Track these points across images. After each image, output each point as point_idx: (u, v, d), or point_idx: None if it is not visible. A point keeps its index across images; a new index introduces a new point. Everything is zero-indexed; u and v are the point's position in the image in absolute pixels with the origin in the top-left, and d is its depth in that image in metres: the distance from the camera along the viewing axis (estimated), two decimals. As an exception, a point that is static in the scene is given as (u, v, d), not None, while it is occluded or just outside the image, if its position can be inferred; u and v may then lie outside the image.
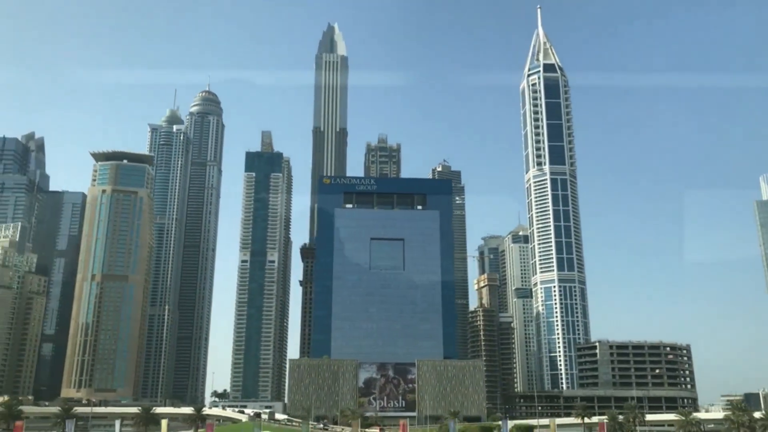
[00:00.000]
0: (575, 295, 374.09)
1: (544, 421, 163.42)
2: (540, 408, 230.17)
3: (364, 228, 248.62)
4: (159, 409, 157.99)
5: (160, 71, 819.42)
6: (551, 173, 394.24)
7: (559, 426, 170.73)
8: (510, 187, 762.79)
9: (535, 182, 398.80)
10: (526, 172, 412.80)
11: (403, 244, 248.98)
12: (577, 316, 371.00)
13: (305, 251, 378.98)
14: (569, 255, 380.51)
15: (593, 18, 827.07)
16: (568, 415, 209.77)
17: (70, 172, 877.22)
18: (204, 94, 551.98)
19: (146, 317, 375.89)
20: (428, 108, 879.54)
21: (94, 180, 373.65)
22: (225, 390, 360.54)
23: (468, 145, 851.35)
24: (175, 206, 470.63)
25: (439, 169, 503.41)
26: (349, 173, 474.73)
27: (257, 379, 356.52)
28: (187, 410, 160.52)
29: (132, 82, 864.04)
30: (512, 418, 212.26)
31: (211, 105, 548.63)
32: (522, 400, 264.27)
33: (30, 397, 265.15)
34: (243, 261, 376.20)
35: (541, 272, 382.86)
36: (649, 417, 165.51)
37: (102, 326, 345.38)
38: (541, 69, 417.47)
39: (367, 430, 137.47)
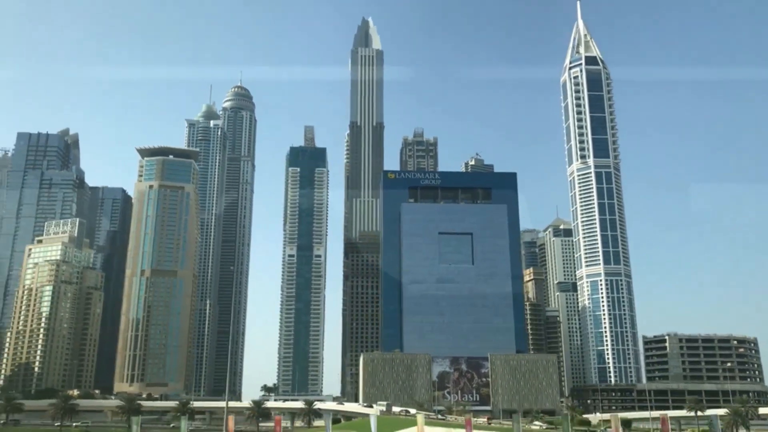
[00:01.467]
0: (622, 289, 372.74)
1: (646, 414, 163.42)
2: (612, 402, 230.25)
3: (432, 222, 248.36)
4: (269, 404, 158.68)
5: (194, 68, 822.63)
6: (595, 166, 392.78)
7: (640, 420, 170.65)
8: (546, 180, 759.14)
9: (578, 175, 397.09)
10: (569, 166, 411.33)
11: (471, 239, 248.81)
12: (624, 310, 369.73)
13: (349, 246, 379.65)
14: (615, 248, 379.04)
15: (632, 9, 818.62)
16: (642, 408, 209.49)
17: (104, 167, 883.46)
18: (236, 89, 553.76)
19: (195, 312, 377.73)
20: (461, 102, 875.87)
21: (141, 176, 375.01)
22: (274, 384, 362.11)
23: (501, 139, 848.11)
24: (214, 201, 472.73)
25: (472, 163, 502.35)
26: (385, 168, 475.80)
27: (307, 373, 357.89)
28: (297, 404, 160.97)
29: (166, 78, 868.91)
30: (586, 412, 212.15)
31: (243, 100, 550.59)
32: (593, 394, 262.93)
33: (97, 391, 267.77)
34: (290, 256, 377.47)
35: (587, 266, 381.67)
36: (762, 410, 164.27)
37: (152, 321, 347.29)
38: (582, 62, 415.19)
39: (478, 420, 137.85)
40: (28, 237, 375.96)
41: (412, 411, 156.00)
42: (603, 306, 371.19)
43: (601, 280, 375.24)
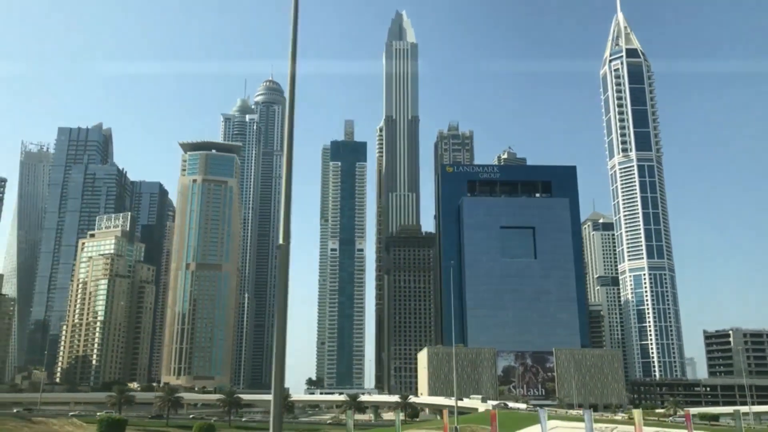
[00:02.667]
0: (666, 283, 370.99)
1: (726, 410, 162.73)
2: (674, 396, 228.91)
3: (493, 217, 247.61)
4: (364, 398, 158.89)
5: (226, 62, 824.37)
6: (638, 160, 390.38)
7: (725, 415, 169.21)
8: (581, 174, 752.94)
9: (620, 169, 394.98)
10: (609, 159, 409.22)
11: (533, 233, 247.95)
12: (668, 304, 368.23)
13: (391, 240, 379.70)
14: (658, 242, 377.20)
15: (671, 0, 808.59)
16: (710, 404, 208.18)
17: (137, 162, 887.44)
18: (268, 83, 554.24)
19: (239, 306, 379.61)
20: (495, 95, 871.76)
21: (184, 170, 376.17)
22: (317, 377, 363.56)
23: (535, 132, 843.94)
24: (251, 196, 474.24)
25: (505, 156, 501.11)
26: (421, 162, 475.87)
27: (351, 366, 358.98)
28: (392, 398, 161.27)
29: (198, 73, 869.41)
30: (651, 407, 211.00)
31: (275, 94, 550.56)
32: (656, 389, 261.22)
33: (154, 384, 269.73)
34: (332, 250, 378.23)
35: (630, 260, 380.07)
36: None
37: (198, 315, 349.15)
38: (623, 54, 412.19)
39: (570, 411, 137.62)
40: (73, 231, 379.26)
41: (510, 404, 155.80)
42: (647, 300, 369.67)
43: (644, 274, 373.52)
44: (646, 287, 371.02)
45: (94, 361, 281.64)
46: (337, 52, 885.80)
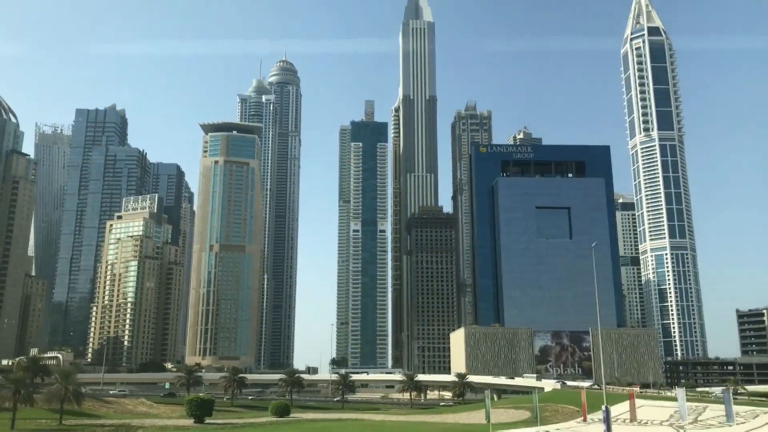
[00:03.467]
0: (687, 263, 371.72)
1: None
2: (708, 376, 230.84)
3: (529, 197, 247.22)
4: (421, 377, 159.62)
5: (240, 41, 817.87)
6: (660, 139, 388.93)
7: None
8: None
9: (642, 149, 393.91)
10: (630, 139, 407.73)
11: (568, 213, 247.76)
12: (690, 283, 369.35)
13: (413, 221, 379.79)
14: (680, 222, 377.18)
15: None
16: (746, 383, 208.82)
17: (152, 143, 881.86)
18: (281, 63, 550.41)
19: (263, 287, 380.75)
20: (512, 75, 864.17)
21: (205, 151, 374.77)
22: (342, 357, 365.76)
23: (552, 111, 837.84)
24: (267, 177, 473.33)
25: (520, 136, 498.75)
26: (440, 142, 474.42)
27: (375, 346, 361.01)
28: (447, 378, 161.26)
29: (211, 53, 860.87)
30: (689, 386, 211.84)
31: (288, 74, 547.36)
32: (690, 367, 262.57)
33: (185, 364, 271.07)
34: (354, 231, 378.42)
35: (651, 240, 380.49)
36: None
37: (222, 296, 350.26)
38: (645, 33, 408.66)
39: (625, 389, 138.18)
40: (95, 213, 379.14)
41: (568, 382, 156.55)
42: (668, 280, 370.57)
43: (666, 254, 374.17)
44: (668, 267, 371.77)
45: (126, 343, 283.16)
46: (352, 31, 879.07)
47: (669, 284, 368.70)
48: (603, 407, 63.26)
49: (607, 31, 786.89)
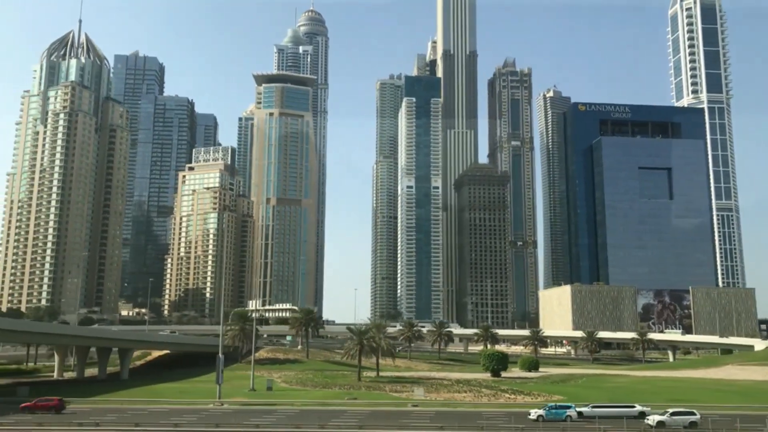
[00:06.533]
0: (732, 224, 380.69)
1: None
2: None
3: (631, 157, 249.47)
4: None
5: None
6: (708, 102, 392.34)
7: None
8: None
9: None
10: (677, 101, 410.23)
11: (669, 174, 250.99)
12: (735, 244, 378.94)
13: (467, 178, 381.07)
14: (726, 184, 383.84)
15: None
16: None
17: (186, 92, 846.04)
18: (309, 13, 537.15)
19: (320, 241, 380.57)
20: (551, 32, 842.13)
21: (259, 102, 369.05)
22: (398, 311, 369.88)
23: (592, 70, 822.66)
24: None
25: (550, 95, 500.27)
26: (480, 99, 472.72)
27: (430, 301, 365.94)
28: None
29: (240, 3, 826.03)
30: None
31: (317, 25, 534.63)
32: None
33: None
34: (408, 187, 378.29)
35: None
36: None
37: (280, 249, 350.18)
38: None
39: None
40: (146, 163, 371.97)
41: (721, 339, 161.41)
42: (714, 241, 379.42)
43: (712, 216, 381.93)
44: (714, 228, 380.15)
45: (207, 294, 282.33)
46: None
47: (715, 245, 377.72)
48: None
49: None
